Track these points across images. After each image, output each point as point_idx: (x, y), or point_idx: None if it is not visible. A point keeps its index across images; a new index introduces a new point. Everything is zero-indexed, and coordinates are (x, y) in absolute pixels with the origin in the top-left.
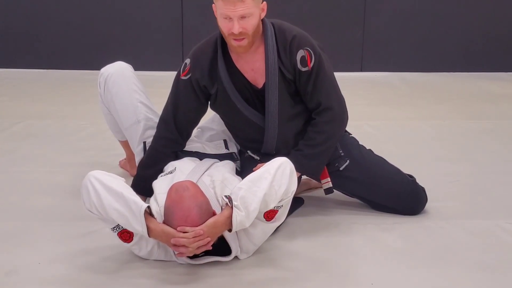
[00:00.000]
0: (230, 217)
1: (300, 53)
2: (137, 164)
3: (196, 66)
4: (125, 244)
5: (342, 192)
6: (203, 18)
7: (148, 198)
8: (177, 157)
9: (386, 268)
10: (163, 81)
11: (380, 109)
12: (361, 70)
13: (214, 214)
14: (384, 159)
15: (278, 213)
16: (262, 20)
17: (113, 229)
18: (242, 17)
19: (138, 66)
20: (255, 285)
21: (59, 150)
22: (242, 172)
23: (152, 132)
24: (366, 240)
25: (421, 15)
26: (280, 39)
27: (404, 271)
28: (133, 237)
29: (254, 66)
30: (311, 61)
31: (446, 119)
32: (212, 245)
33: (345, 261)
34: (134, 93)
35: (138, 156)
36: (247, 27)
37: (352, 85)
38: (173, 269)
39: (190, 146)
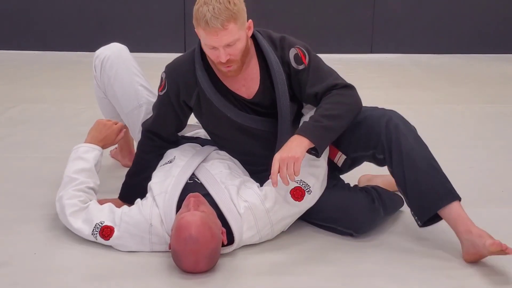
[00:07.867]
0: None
1: (293, 51)
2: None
3: (173, 86)
4: (107, 242)
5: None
6: None
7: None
8: (177, 143)
9: (397, 260)
10: (164, 64)
11: (390, 93)
12: (371, 52)
13: (223, 233)
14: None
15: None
16: (252, 34)
17: (92, 233)
18: (228, 45)
19: (138, 47)
20: (259, 276)
21: (56, 136)
22: None
23: None
24: (376, 235)
25: None
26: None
27: (416, 263)
28: (114, 231)
29: (246, 82)
30: (305, 58)
31: (460, 103)
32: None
33: (356, 259)
34: (134, 76)
35: None
36: (234, 53)
37: (361, 67)
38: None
39: (192, 132)
